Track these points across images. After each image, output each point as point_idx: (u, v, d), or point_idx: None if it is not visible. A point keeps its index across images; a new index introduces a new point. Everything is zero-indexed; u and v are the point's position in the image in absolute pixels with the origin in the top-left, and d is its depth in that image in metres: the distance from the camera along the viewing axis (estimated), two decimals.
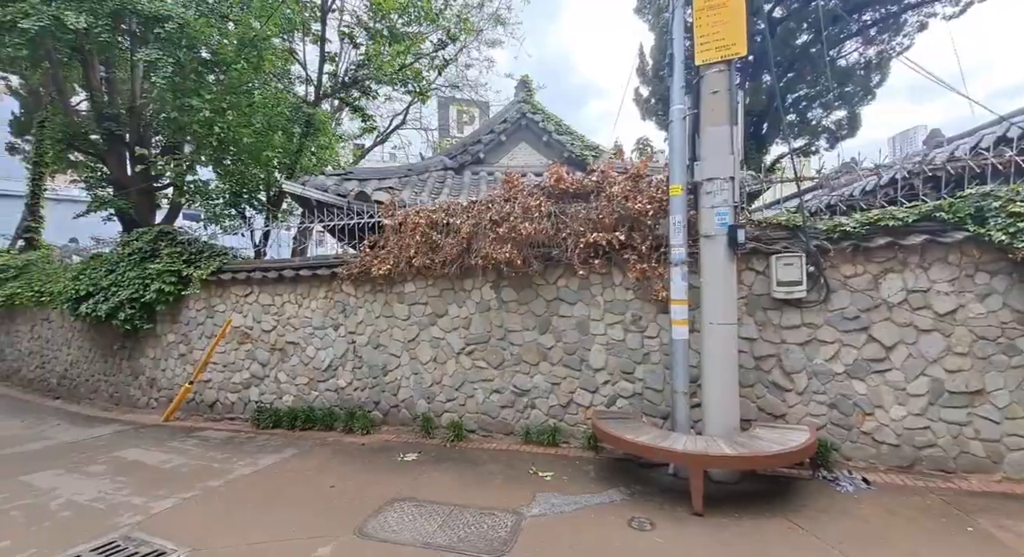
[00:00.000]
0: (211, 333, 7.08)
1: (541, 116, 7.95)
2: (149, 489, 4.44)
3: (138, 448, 5.75)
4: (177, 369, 7.39)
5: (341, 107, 10.22)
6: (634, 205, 4.69)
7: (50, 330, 9.46)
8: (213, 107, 6.66)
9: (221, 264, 7.04)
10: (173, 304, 7.25)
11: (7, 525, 3.79)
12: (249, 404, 6.83)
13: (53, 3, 6.22)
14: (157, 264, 7.10)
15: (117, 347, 7.84)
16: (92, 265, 7.98)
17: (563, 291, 5.38)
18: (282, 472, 4.84)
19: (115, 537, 3.54)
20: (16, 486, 4.62)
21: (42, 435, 6.56)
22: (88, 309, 7.46)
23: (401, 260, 5.80)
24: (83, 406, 8.36)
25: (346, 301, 6.35)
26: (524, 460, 4.93)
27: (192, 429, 6.56)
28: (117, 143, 9.02)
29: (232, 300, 7.00)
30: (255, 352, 6.83)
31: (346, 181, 6.94)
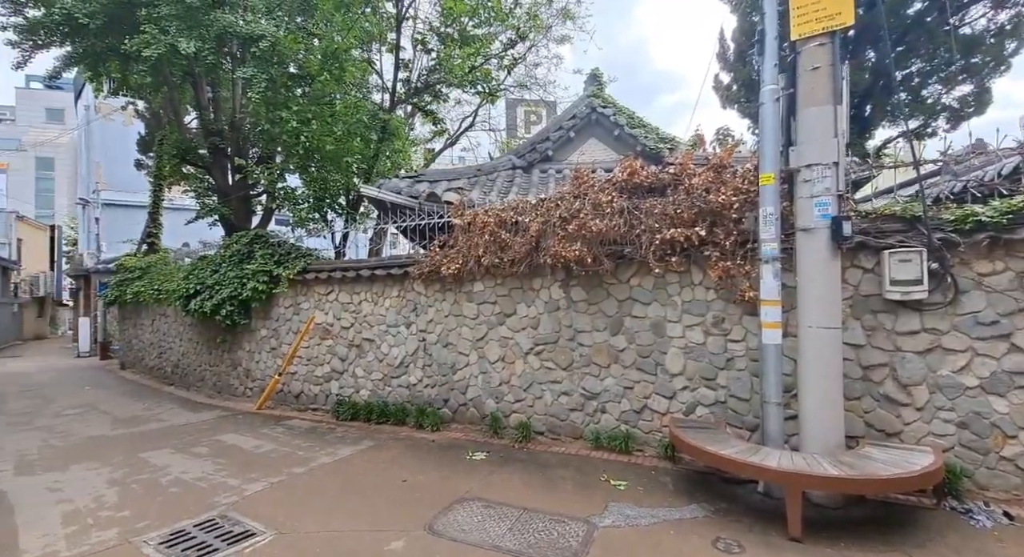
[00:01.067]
0: (297, 329, 7.58)
1: (612, 110, 7.68)
2: (243, 472, 4.78)
3: (235, 433, 6.27)
4: (268, 361, 8.00)
5: (414, 112, 10.62)
6: (717, 198, 4.33)
7: (166, 324, 10.67)
8: (300, 118, 7.16)
9: (306, 264, 7.51)
10: (265, 301, 7.86)
11: (129, 496, 4.25)
12: (330, 397, 7.21)
13: (169, 33, 6.98)
14: (252, 265, 7.73)
15: (219, 340, 8.65)
16: (199, 266, 8.88)
17: (636, 291, 5.10)
18: (358, 463, 5.02)
19: (213, 515, 3.83)
20: (137, 462, 5.19)
21: (158, 417, 7.37)
22: (196, 305, 8.30)
23: (470, 259, 5.83)
24: (191, 393, 9.32)
25: (417, 300, 6.50)
26: (595, 466, 4.72)
27: (280, 418, 7.05)
28: (220, 156, 9.98)
29: (315, 298, 7.45)
30: (335, 348, 7.21)
31: (418, 183, 7.13)
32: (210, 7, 6.90)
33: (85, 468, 5.02)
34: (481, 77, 9.22)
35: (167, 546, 3.36)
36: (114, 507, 4.01)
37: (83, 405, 8.35)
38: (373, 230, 7.83)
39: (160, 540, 3.44)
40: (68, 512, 3.92)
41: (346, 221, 8.49)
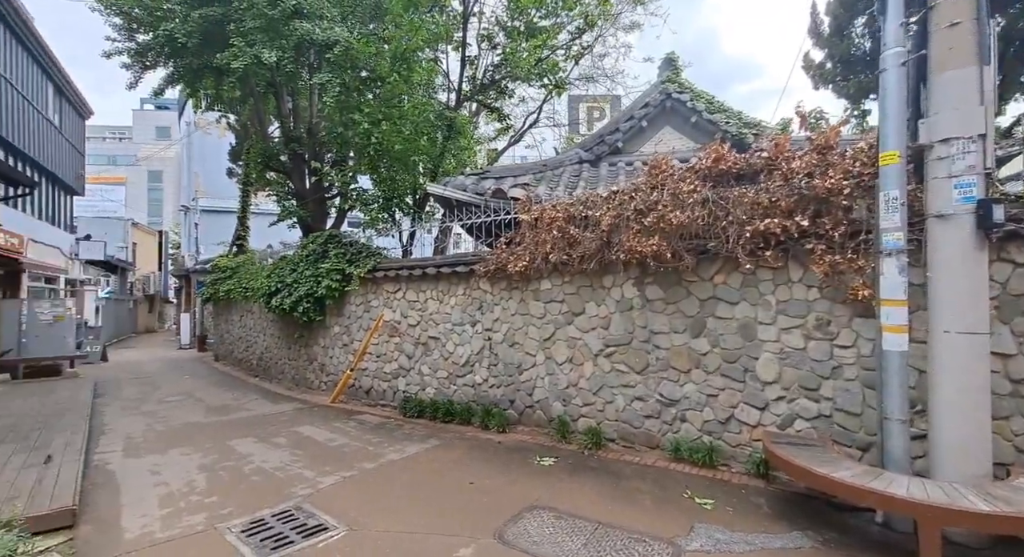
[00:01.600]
0: (367, 326, 7.77)
1: (689, 95, 7.14)
2: (317, 464, 4.89)
3: (311, 425, 6.50)
4: (341, 357, 8.28)
5: (479, 110, 10.62)
6: (823, 183, 3.79)
7: (252, 320, 11.46)
8: (371, 119, 7.35)
9: (375, 263, 7.68)
10: (338, 299, 8.14)
11: (217, 482, 4.46)
12: (397, 393, 7.31)
13: (253, 46, 7.41)
14: (326, 264, 8.03)
15: (297, 336, 9.10)
16: (280, 265, 9.40)
17: (721, 289, 4.63)
18: (426, 461, 4.97)
19: (290, 506, 3.91)
20: (224, 449, 5.50)
21: (244, 407, 7.85)
22: (277, 302, 8.78)
23: (537, 256, 5.62)
24: (273, 384, 9.90)
25: (483, 298, 6.40)
26: (675, 480, 4.33)
27: (352, 412, 7.24)
28: (299, 161, 10.54)
29: (384, 296, 7.59)
30: (402, 345, 7.29)
31: (483, 180, 7.04)
32: (290, 17, 7.25)
33: (180, 453, 5.38)
34: (548, 68, 9.01)
35: (247, 535, 3.45)
36: (203, 492, 4.22)
37: (182, 393, 9.12)
38: (438, 228, 7.88)
39: (242, 528, 3.54)
40: (164, 495, 4.17)
41: (413, 220, 8.63)
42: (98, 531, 3.52)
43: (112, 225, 25.73)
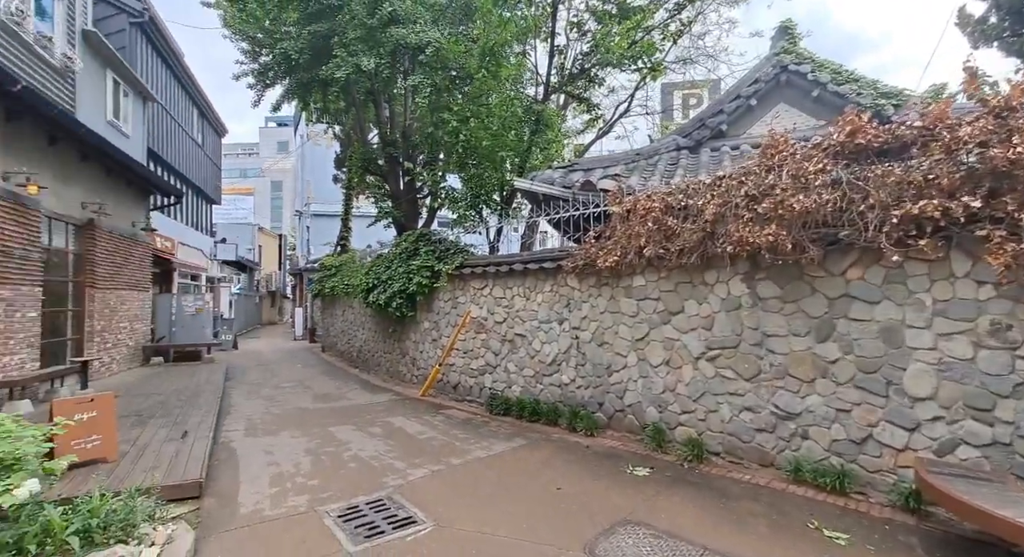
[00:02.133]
0: (455, 322, 7.89)
1: (810, 66, 6.25)
2: (408, 456, 4.99)
3: (403, 417, 6.72)
4: (430, 352, 8.51)
5: (567, 103, 10.38)
6: (1004, 153, 3.02)
7: (353, 314, 12.29)
8: (459, 117, 7.46)
9: (463, 260, 7.77)
10: (428, 295, 8.37)
11: (319, 466, 4.73)
12: (484, 390, 7.32)
13: (355, 55, 7.87)
14: (417, 261, 8.30)
15: (391, 330, 9.54)
16: (376, 263, 9.94)
17: (857, 285, 3.93)
18: (512, 461, 4.85)
19: (382, 496, 3.99)
20: (327, 435, 5.85)
21: (345, 396, 8.39)
22: (373, 298, 9.28)
23: (629, 251, 5.24)
24: (370, 375, 10.51)
25: (570, 295, 6.15)
26: (796, 506, 3.75)
27: (440, 406, 7.38)
28: (394, 164, 11.08)
29: (471, 292, 7.65)
30: (489, 342, 7.28)
31: (571, 173, 6.78)
32: (386, 25, 7.59)
33: (290, 435, 5.82)
34: (643, 50, 8.49)
35: (344, 520, 3.56)
36: (307, 475, 4.48)
37: (294, 380, 10.01)
38: (525, 224, 7.78)
39: (338, 513, 3.67)
40: (275, 475, 4.50)
41: (500, 216, 8.62)
42: (219, 504, 3.86)
43: (242, 230, 29.36)
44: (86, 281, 9.00)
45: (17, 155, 6.89)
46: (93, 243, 9.10)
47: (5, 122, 6.66)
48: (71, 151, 8.31)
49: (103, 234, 9.39)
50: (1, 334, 6.46)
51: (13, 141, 6.82)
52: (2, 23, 6.60)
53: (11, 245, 6.66)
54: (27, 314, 6.99)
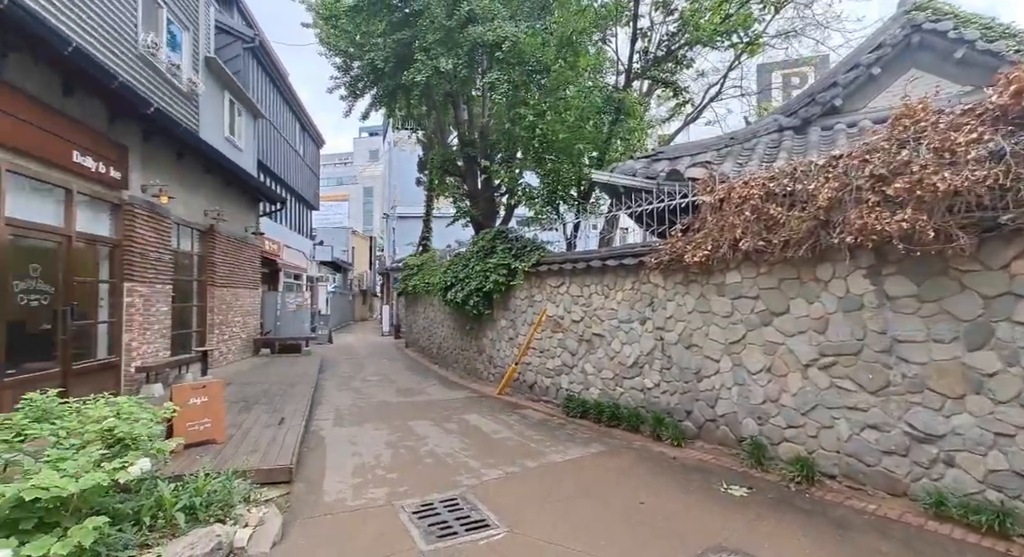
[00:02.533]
0: (531, 320, 7.75)
1: (952, 22, 5.22)
2: (483, 455, 4.93)
3: (478, 415, 6.71)
4: (506, 350, 8.46)
5: (651, 89, 9.81)
6: None
7: (433, 312, 12.67)
8: (536, 111, 7.31)
9: (539, 257, 7.60)
10: (504, 293, 8.32)
11: (398, 459, 4.82)
12: (560, 390, 7.09)
13: (434, 58, 8.04)
14: (494, 259, 8.29)
15: (468, 328, 9.65)
16: (454, 262, 10.11)
17: (1022, 281, 3.16)
18: (590, 467, 4.59)
19: (456, 495, 3.94)
20: (406, 428, 5.99)
21: (425, 391, 8.61)
22: (451, 296, 9.44)
23: (722, 243, 4.73)
24: (448, 372, 10.73)
25: (654, 293, 5.72)
26: (939, 547, 3.09)
27: (516, 406, 7.28)
28: (471, 164, 11.23)
29: (547, 290, 7.46)
30: (565, 341, 7.04)
31: (655, 162, 6.32)
32: (464, 25, 7.66)
33: (373, 427, 6.04)
34: (738, 23, 7.73)
35: (418, 517, 3.54)
36: (386, 468, 4.57)
37: (379, 374, 10.52)
38: (604, 218, 7.44)
39: (414, 509, 3.67)
40: (357, 465, 4.65)
41: (577, 211, 8.33)
42: (306, 490, 4.04)
43: (337, 233, 31.80)
44: (207, 280, 10.16)
45: (153, 169, 7.91)
46: (213, 246, 10.24)
47: (143, 141, 7.67)
48: (196, 165, 9.41)
49: (221, 238, 10.54)
50: (140, 326, 7.44)
51: (149, 157, 7.84)
52: (140, 54, 7.61)
53: (148, 248, 7.65)
54: (160, 309, 8.01)
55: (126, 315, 7.18)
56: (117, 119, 6.94)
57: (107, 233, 6.98)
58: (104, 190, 6.75)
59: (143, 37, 7.69)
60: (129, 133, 7.27)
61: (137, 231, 7.35)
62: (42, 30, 4.80)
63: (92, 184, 6.48)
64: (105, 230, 6.94)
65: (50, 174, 5.77)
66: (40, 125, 5.52)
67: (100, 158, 6.53)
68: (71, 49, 5.14)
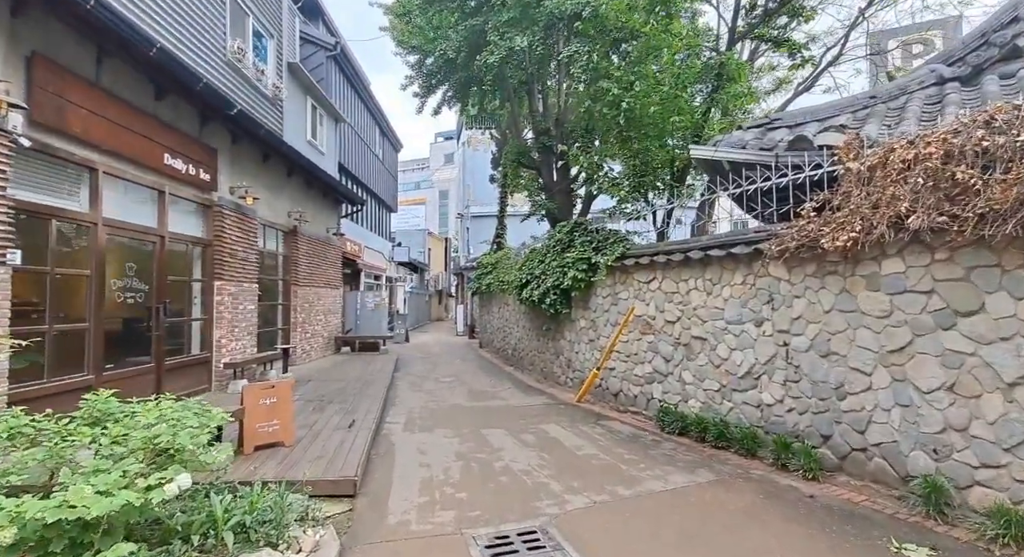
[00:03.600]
0: (615, 321, 6.93)
1: None
2: (565, 476, 4.25)
3: (558, 425, 6.02)
4: (587, 353, 7.69)
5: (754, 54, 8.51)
6: None
7: (507, 312, 12.20)
8: (621, 84, 6.50)
9: (624, 250, 6.77)
10: (584, 290, 7.57)
11: (469, 475, 4.28)
12: (651, 401, 6.21)
13: (506, 39, 7.52)
14: (572, 253, 7.57)
15: (544, 328, 9.00)
16: (530, 258, 9.52)
17: None
18: (700, 502, 3.73)
19: (535, 526, 3.30)
20: (479, 438, 5.47)
21: (499, 395, 8.09)
22: (526, 294, 8.85)
23: (877, 222, 3.65)
24: (524, 375, 10.16)
25: (774, 288, 4.69)
26: None
27: (600, 416, 6.50)
28: (547, 154, 10.60)
29: (634, 287, 6.60)
30: (657, 344, 6.15)
31: (770, 131, 5.26)
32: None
33: (444, 434, 5.60)
34: None
35: (491, 552, 2.96)
36: (456, 484, 4.05)
37: (452, 375, 10.21)
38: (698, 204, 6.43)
39: (486, 542, 3.08)
40: (425, 479, 4.18)
41: (670, 196, 7.31)
42: (369, 507, 3.62)
43: (414, 235, 32.73)
44: (291, 279, 10.48)
45: (239, 172, 8.17)
46: (296, 246, 10.55)
47: (231, 144, 7.94)
48: (280, 167, 9.71)
49: (304, 238, 10.85)
50: (229, 323, 7.68)
51: (236, 160, 8.11)
52: (227, 60, 7.88)
53: (236, 248, 7.89)
54: (247, 307, 8.25)
55: (216, 313, 7.42)
56: (206, 122, 7.19)
57: (198, 233, 7.24)
58: (194, 191, 6.99)
59: (230, 43, 7.96)
60: (217, 136, 7.52)
61: (226, 231, 7.59)
62: (126, 30, 4.90)
63: (183, 186, 6.72)
64: (196, 230, 7.21)
65: (144, 176, 6.00)
66: (134, 128, 5.73)
67: (190, 160, 6.76)
68: (156, 49, 5.23)
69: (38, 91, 4.46)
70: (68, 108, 4.79)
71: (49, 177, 4.80)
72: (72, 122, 4.84)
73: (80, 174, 5.15)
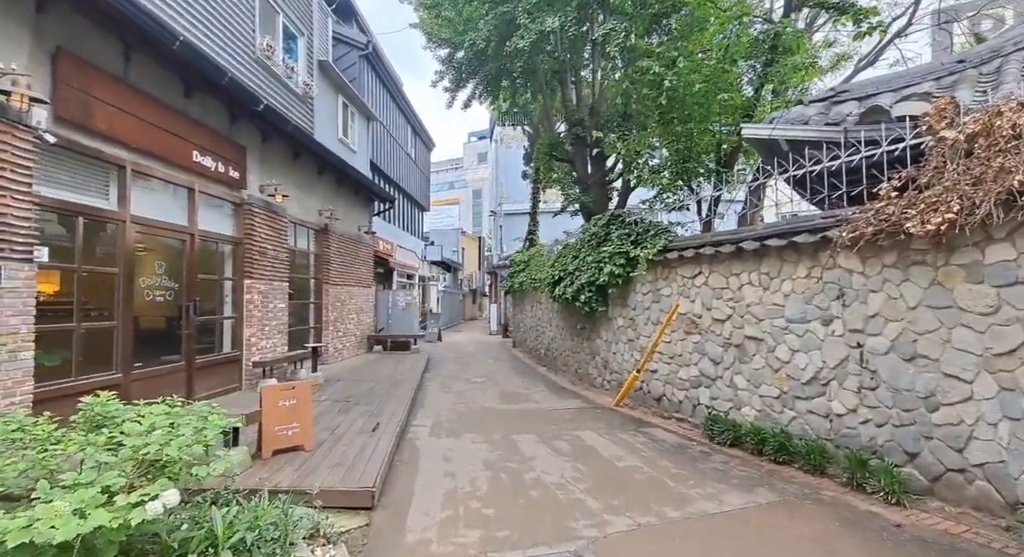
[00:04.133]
0: (656, 320, 6.42)
1: None
2: (603, 492, 3.82)
3: (594, 432, 5.58)
4: (625, 354, 7.20)
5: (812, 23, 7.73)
6: None
7: (540, 310, 11.79)
8: (662, 61, 5.96)
9: (666, 242, 6.26)
10: (622, 287, 7.09)
11: (497, 488, 3.92)
12: (698, 407, 5.68)
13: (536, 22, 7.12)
14: (608, 247, 7.10)
15: (579, 327, 8.55)
16: (563, 253, 9.09)
17: None
18: (759, 527, 3.23)
19: (571, 551, 2.91)
20: (509, 444, 5.11)
21: (531, 398, 7.70)
22: (559, 292, 8.43)
23: (981, 201, 3.05)
24: (558, 376, 9.73)
25: (845, 281, 4.10)
26: None
27: (641, 423, 6.01)
28: (581, 146, 10.13)
29: (678, 282, 6.07)
30: (704, 345, 5.61)
31: (837, 104, 4.64)
32: None
33: (472, 440, 5.27)
34: None
35: None
36: (483, 498, 3.71)
37: (484, 375, 9.90)
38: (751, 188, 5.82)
39: None
40: (449, 491, 3.86)
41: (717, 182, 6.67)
42: (387, 522, 3.32)
43: (448, 235, 32.79)
44: (322, 278, 10.45)
45: (269, 170, 8.14)
46: (328, 245, 10.52)
47: (261, 143, 7.91)
48: (310, 165, 9.68)
49: (335, 237, 10.81)
50: (259, 322, 7.65)
51: (266, 158, 8.08)
52: (256, 58, 7.85)
53: (266, 246, 7.86)
54: (277, 305, 8.21)
55: (246, 311, 7.39)
56: (235, 120, 7.16)
57: (228, 231, 7.22)
58: (224, 189, 6.96)
59: (259, 41, 7.93)
60: (247, 134, 7.49)
61: (256, 229, 7.55)
62: (148, 22, 4.82)
63: (213, 184, 6.69)
64: (226, 228, 7.19)
65: (173, 174, 5.97)
66: (162, 125, 5.69)
67: (219, 158, 6.73)
68: (179, 43, 5.15)
69: (63, 87, 4.43)
70: (94, 104, 4.75)
71: (75, 174, 4.78)
72: (98, 118, 4.80)
73: (107, 171, 5.12)
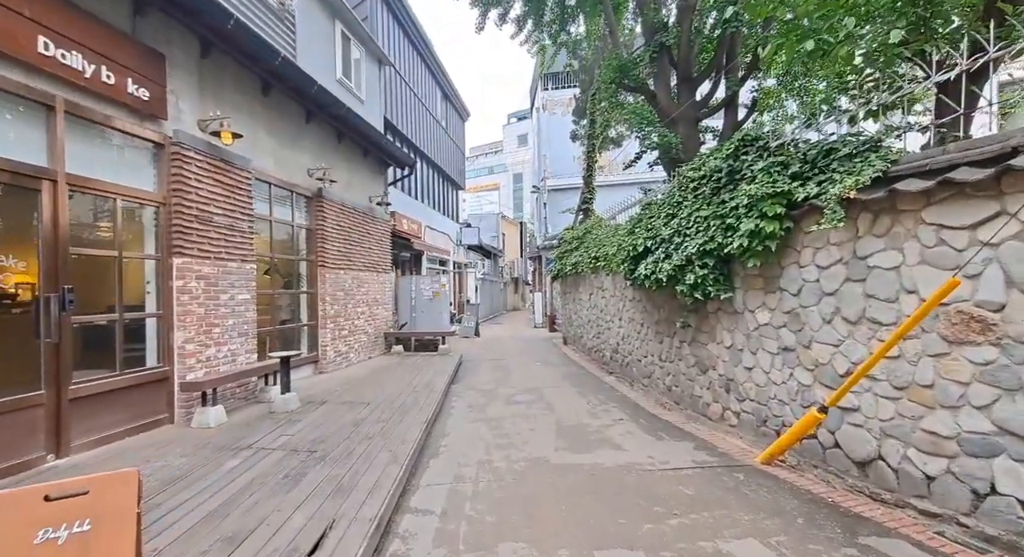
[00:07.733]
0: (857, 313, 3.39)
1: None
2: None
3: (758, 540, 2.67)
4: (776, 372, 4.19)
5: None
6: None
7: (603, 299, 8.86)
8: None
9: (886, 166, 3.19)
10: (771, 255, 4.07)
11: None
12: (987, 499, 2.65)
13: None
14: (749, 187, 4.08)
15: (679, 323, 5.56)
16: (646, 214, 6.13)
17: None
18: None
19: None
20: None
21: (606, 435, 4.83)
22: (646, 270, 5.50)
23: None
24: (636, 392, 6.82)
25: None
26: None
27: (836, 509, 3.03)
28: (663, 63, 7.06)
29: (921, 241, 3.01)
30: (1009, 368, 2.57)
31: None
32: None
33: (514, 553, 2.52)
34: None
35: None
36: None
37: (530, 390, 7.13)
38: None
39: None
40: None
41: (970, 54, 3.12)
42: None
43: (487, 219, 30.22)
44: (316, 259, 8.00)
45: (216, 100, 5.65)
46: (323, 216, 8.03)
47: (200, 55, 5.43)
48: (292, 107, 7.18)
49: (334, 206, 8.33)
50: (202, 320, 5.22)
51: (212, 81, 5.59)
52: None
53: (210, 210, 5.40)
54: (237, 296, 5.78)
55: (177, 305, 4.97)
56: (143, 9, 4.69)
57: (139, 184, 4.78)
58: (126, 116, 4.51)
59: None
60: (169, 36, 5.01)
61: (189, 183, 5.10)
62: None
63: (98, 102, 4.24)
64: (135, 179, 4.75)
65: None
66: None
67: (109, 62, 4.26)
68: None
69: None
70: None
71: None
72: None
73: None
